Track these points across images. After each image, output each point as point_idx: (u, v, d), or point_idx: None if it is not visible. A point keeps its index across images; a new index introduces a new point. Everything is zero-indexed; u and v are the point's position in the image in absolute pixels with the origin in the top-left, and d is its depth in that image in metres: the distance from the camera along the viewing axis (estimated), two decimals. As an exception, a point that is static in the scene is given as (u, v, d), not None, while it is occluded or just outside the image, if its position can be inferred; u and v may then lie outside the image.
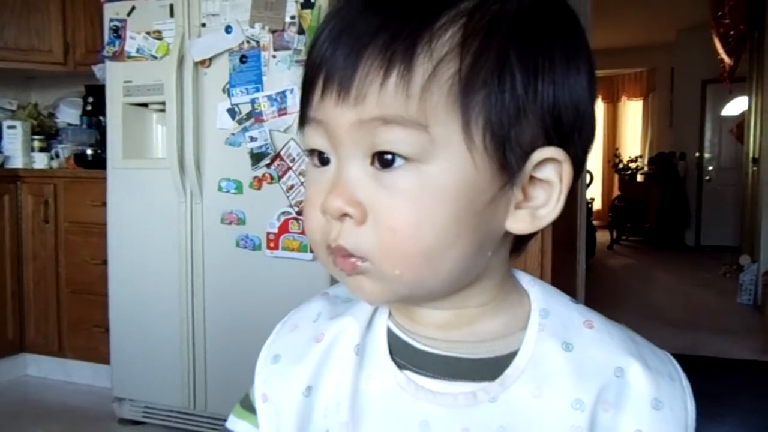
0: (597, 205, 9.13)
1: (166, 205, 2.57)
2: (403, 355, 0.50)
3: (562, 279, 2.66)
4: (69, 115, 3.53)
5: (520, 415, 0.47)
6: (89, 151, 3.21)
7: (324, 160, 0.48)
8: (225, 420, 0.59)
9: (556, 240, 2.39)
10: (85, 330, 3.07)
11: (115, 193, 2.69)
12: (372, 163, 0.45)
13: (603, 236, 7.94)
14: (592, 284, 5.34)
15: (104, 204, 2.73)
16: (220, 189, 2.48)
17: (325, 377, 0.51)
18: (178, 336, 2.59)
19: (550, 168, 0.46)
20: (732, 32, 4.84)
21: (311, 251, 2.31)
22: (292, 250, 2.35)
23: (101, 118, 3.07)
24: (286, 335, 0.56)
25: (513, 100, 0.44)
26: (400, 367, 0.50)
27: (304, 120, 0.49)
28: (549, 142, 0.46)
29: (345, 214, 0.45)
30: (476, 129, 0.43)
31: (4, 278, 3.16)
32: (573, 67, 0.47)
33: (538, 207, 0.47)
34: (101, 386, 2.91)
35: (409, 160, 0.44)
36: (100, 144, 3.04)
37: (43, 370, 3.26)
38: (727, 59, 5.00)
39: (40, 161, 3.32)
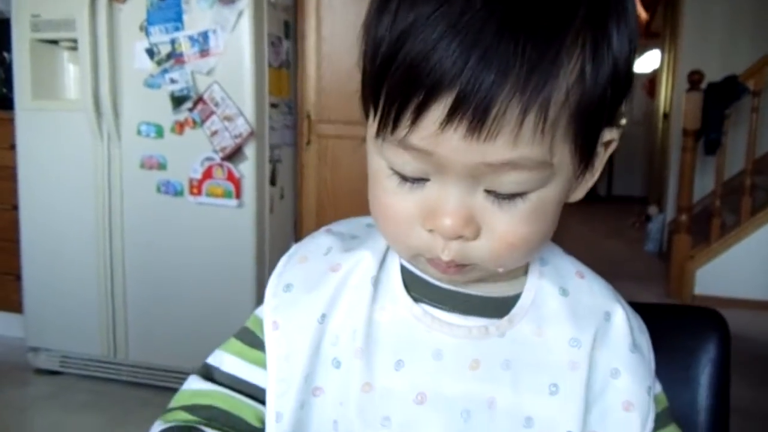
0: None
1: (82, 149, 2.46)
2: (418, 289, 0.52)
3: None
4: (-30, 50, 3.29)
5: (523, 350, 0.51)
6: (-6, 91, 3.02)
7: (414, 178, 0.45)
8: (149, 368, 0.58)
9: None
10: (-7, 278, 2.94)
11: (25, 136, 2.55)
12: (489, 193, 0.44)
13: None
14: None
15: (12, 147, 2.59)
16: (139, 133, 2.39)
17: (339, 306, 0.52)
18: (95, 284, 2.52)
19: (608, 133, 0.48)
20: (649, -12, 4.97)
21: (237, 199, 2.28)
22: (217, 196, 2.31)
23: (6, 54, 2.88)
24: (295, 266, 0.55)
25: (607, 105, 0.44)
26: (415, 300, 0.52)
27: (391, 136, 0.43)
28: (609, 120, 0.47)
29: (460, 236, 0.45)
30: (578, 145, 0.44)
31: None
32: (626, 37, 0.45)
33: (593, 170, 0.49)
34: (13, 336, 2.81)
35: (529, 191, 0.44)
36: (5, 83, 2.86)
37: (-52, 320, 3.11)
38: (642, 14, 5.14)
39: (-61, 100, 3.10)
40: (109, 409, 2.34)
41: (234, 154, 2.27)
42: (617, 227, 6.21)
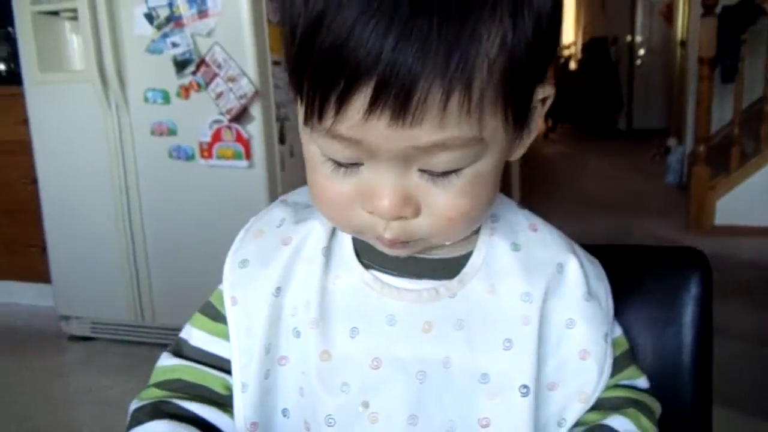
0: (533, 95, 9.20)
1: (92, 120, 2.49)
2: (369, 255, 0.53)
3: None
4: (-25, 27, 3.30)
5: (476, 309, 0.52)
6: (2, 66, 3.05)
7: (348, 163, 0.45)
8: (175, 330, 0.60)
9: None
10: (22, 251, 3.02)
11: (37, 110, 2.58)
12: (423, 172, 0.43)
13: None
14: (528, 174, 5.48)
15: (25, 121, 2.63)
16: (146, 100, 2.40)
17: (293, 278, 0.54)
18: (117, 251, 2.58)
19: (541, 91, 0.48)
20: None
21: (248, 160, 2.30)
22: (227, 158, 2.33)
23: (10, 29, 2.89)
24: (251, 241, 0.57)
25: (539, 67, 0.44)
26: (366, 267, 0.53)
27: (319, 125, 0.42)
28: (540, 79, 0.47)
29: (400, 217, 0.45)
30: (510, 113, 0.43)
31: (-72, 203, 3.06)
32: None
33: (531, 128, 0.49)
34: (46, 305, 2.90)
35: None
36: (13, 58, 2.88)
37: (-17, 293, 3.22)
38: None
39: (-49, 79, 3.14)
40: (140, 371, 2.42)
41: (240, 115, 2.28)
42: (637, 161, 6.13)
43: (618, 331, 0.57)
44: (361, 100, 0.39)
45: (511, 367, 0.51)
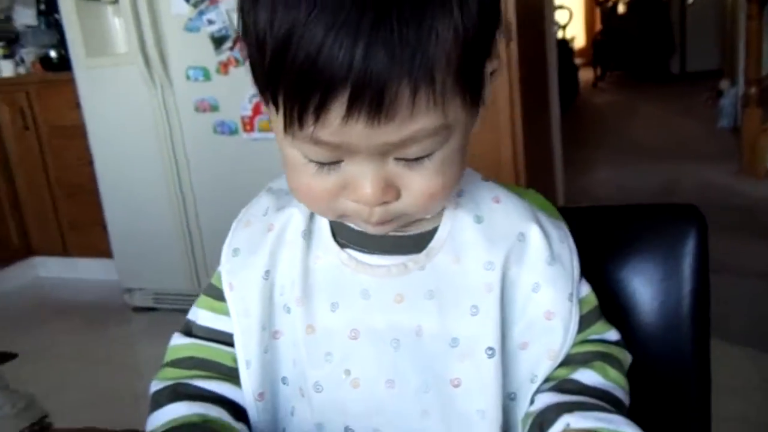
0: (579, 43, 8.96)
1: (139, 100, 2.59)
2: (345, 235, 0.58)
3: (535, 127, 2.71)
4: (25, 15, 3.43)
5: (444, 279, 0.56)
6: (53, 54, 3.17)
7: (330, 162, 0.48)
8: None
9: (526, 89, 2.42)
10: (84, 228, 3.18)
11: (87, 94, 2.70)
12: (399, 159, 0.47)
13: (587, 74, 7.88)
14: (576, 125, 5.39)
15: (78, 106, 2.75)
16: (188, 78, 2.48)
17: (279, 261, 0.59)
18: (173, 224, 2.70)
19: (491, 64, 0.51)
20: None
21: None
22: (268, 131, 2.40)
23: (57, 16, 3.00)
24: (241, 231, 0.62)
25: (487, 44, 0.48)
26: (342, 246, 0.58)
27: (300, 132, 0.45)
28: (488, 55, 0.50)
29: (383, 202, 0.49)
30: (468, 93, 0.47)
31: (-2, 188, 3.25)
32: None
33: (486, 95, 0.52)
34: (110, 279, 3.06)
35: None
36: (63, 44, 2.99)
37: (53, 270, 3.41)
38: None
39: (7, 69, 3.28)
40: (200, 336, 2.55)
41: (278, 88, 2.33)
42: (690, 105, 5.94)
43: (585, 290, 0.59)
44: (338, 107, 0.43)
45: (478, 331, 0.54)
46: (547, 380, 0.56)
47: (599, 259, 0.74)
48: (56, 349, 2.64)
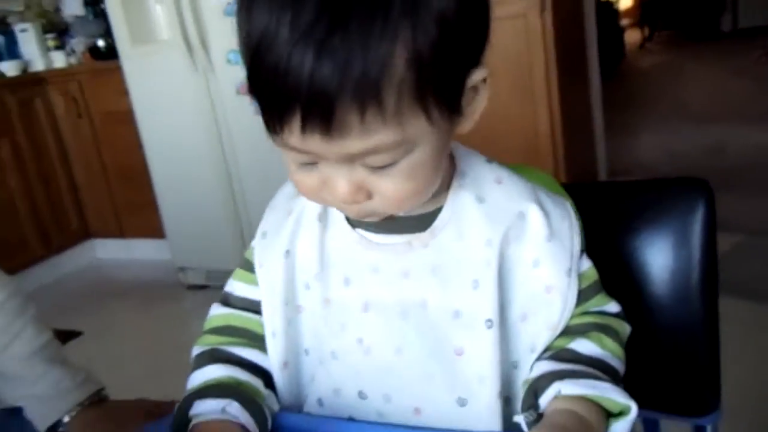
0: (626, 3, 8.72)
1: (183, 85, 2.67)
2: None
3: (574, 96, 2.68)
4: (73, 6, 3.55)
5: (447, 256, 0.60)
6: (101, 43, 3.28)
7: (307, 163, 0.53)
8: None
9: (562, 58, 2.40)
10: (138, 210, 3.31)
11: (134, 81, 2.80)
12: (365, 166, 0.51)
13: (634, 36, 7.68)
14: (622, 90, 5.29)
15: (126, 92, 2.85)
16: (229, 62, 2.54)
17: (298, 242, 0.65)
18: (222, 204, 2.79)
19: (474, 76, 0.53)
20: None
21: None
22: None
23: (104, 6, 3.10)
24: (270, 215, 0.69)
25: (455, 71, 0.50)
26: (354, 226, 0.63)
27: (274, 137, 0.50)
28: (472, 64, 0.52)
29: (355, 202, 0.53)
30: (434, 110, 0.49)
31: (57, 175, 3.39)
32: None
33: (475, 106, 0.55)
34: (164, 259, 3.19)
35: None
36: (110, 33, 3.09)
37: (110, 251, 3.57)
38: None
39: (59, 60, 3.41)
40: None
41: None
42: (742, 64, 5.75)
43: (586, 266, 0.62)
44: (296, 120, 0.47)
45: (478, 304, 0.58)
46: (546, 350, 0.60)
47: (612, 233, 0.77)
48: (115, 327, 2.78)
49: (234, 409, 0.60)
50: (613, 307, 0.63)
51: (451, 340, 0.59)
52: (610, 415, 0.55)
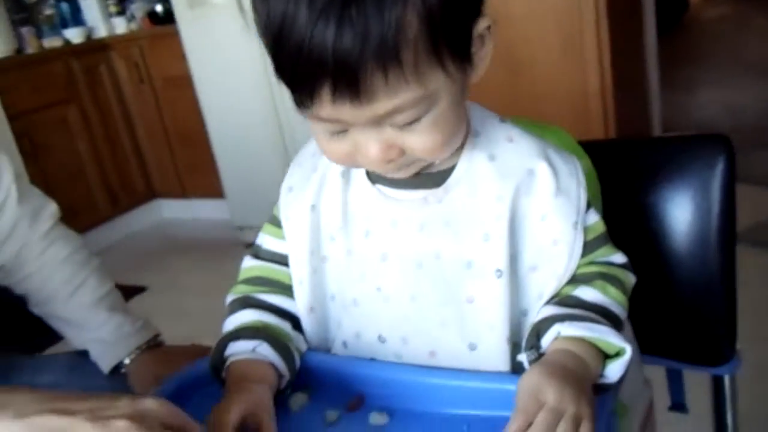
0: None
1: (238, 48, 2.73)
2: (375, 173, 0.67)
3: (627, 55, 2.61)
4: (133, -28, 3.64)
5: (460, 211, 0.64)
6: (159, 8, 3.37)
7: (338, 131, 0.56)
8: None
9: (615, 14, 2.33)
10: (199, 172, 3.43)
11: (191, 45, 2.88)
12: (393, 125, 0.54)
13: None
14: (683, 43, 5.10)
15: (184, 57, 2.93)
16: (281, 24, 2.58)
17: (322, 196, 0.70)
18: (276, 164, 2.86)
19: (479, 24, 0.57)
20: None
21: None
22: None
23: (161, -28, 3.18)
24: (295, 171, 0.73)
25: (464, 11, 0.54)
26: (374, 182, 0.67)
27: (305, 111, 0.54)
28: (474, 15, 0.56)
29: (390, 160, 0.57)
30: (449, 62, 0.53)
31: (121, 138, 3.54)
32: None
33: (483, 54, 0.59)
34: (224, 218, 3.30)
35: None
36: (167, -1, 3.17)
37: (174, 211, 3.72)
38: None
39: (120, 26, 3.53)
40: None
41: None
42: (817, 13, 5.46)
43: (593, 219, 0.65)
44: (326, 92, 0.51)
45: (489, 255, 0.62)
46: (553, 297, 0.63)
47: (632, 189, 0.79)
48: (177, 283, 2.92)
49: (264, 349, 0.66)
50: (619, 258, 0.66)
51: (463, 289, 0.63)
52: (606, 356, 0.58)
